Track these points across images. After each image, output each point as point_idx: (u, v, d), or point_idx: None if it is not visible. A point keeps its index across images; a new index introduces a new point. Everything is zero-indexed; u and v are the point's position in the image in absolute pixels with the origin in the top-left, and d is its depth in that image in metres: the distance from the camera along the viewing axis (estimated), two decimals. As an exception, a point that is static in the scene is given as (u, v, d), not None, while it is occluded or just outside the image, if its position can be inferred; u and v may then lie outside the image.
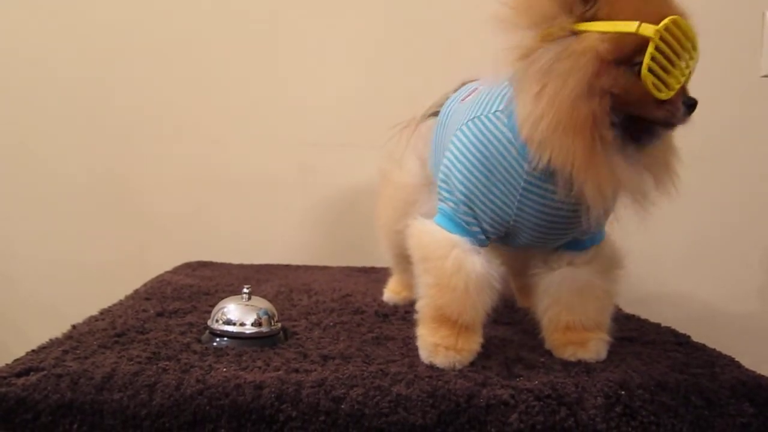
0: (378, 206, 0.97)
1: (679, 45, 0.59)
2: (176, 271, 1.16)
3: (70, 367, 0.60)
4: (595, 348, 0.69)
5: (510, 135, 0.65)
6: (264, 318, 0.72)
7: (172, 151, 1.34)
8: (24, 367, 0.60)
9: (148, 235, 1.35)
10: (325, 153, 1.33)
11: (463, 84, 0.84)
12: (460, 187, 0.68)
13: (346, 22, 1.33)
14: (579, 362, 0.67)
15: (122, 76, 1.33)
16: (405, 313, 0.89)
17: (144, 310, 0.83)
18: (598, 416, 0.57)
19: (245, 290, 0.74)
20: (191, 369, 0.61)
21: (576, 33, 0.60)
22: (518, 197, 0.66)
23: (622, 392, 0.59)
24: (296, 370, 0.62)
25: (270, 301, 0.76)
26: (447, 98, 0.84)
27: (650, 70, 0.58)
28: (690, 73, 0.61)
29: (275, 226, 1.36)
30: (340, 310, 0.89)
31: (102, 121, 1.34)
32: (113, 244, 1.35)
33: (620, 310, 0.96)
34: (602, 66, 0.59)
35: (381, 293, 0.98)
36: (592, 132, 0.59)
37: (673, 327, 0.84)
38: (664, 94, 0.59)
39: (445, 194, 0.70)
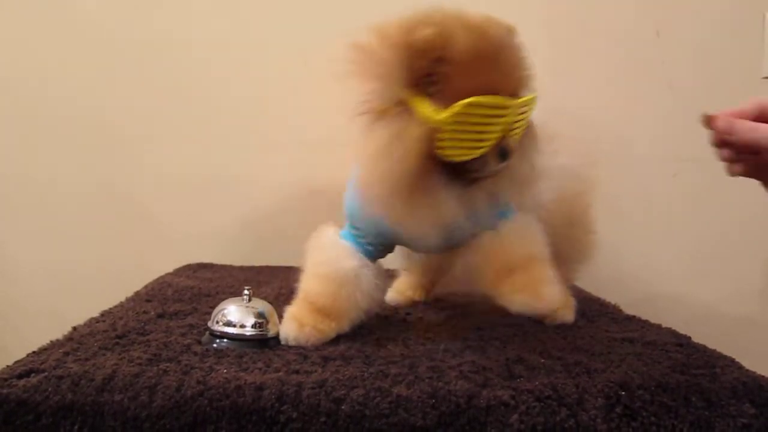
0: None
1: (481, 118, 0.64)
2: (177, 272, 1.16)
3: (71, 368, 0.60)
4: (547, 295, 0.72)
5: None
6: (264, 319, 0.72)
7: (172, 152, 1.34)
8: (25, 369, 0.60)
9: (149, 236, 1.35)
10: (326, 153, 1.33)
11: None
12: (348, 210, 0.77)
13: (345, 21, 1.32)
14: (579, 363, 0.67)
15: (121, 77, 1.33)
16: (405, 314, 0.89)
17: (144, 312, 0.83)
18: (599, 417, 0.57)
19: (246, 292, 0.74)
20: (192, 370, 0.61)
21: (406, 108, 0.64)
22: (392, 225, 0.72)
23: (623, 393, 0.59)
24: (297, 372, 0.62)
25: (271, 302, 0.76)
26: None
27: (448, 146, 0.64)
28: (506, 127, 0.66)
29: (276, 228, 1.36)
30: (340, 311, 0.89)
31: (101, 122, 1.34)
32: (114, 245, 1.35)
33: (620, 311, 0.96)
34: (429, 137, 0.63)
35: (381, 294, 0.98)
36: (417, 189, 0.65)
37: (673, 328, 0.84)
38: (474, 154, 0.65)
39: (345, 212, 0.78)
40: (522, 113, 0.68)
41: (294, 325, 0.72)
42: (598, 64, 1.34)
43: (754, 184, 0.66)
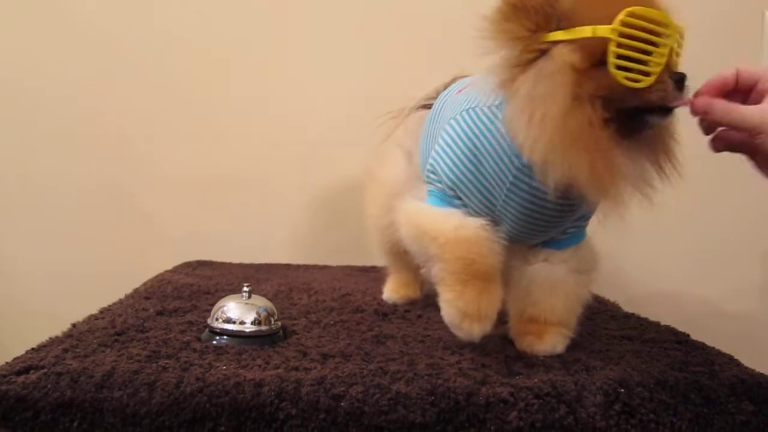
0: (365, 206, 0.96)
1: (646, 32, 0.59)
2: (176, 270, 1.16)
3: (70, 365, 0.60)
4: (551, 341, 0.70)
5: (503, 129, 0.65)
6: (264, 316, 0.72)
7: (171, 150, 1.34)
8: (24, 366, 0.59)
9: (148, 234, 1.35)
10: (325, 152, 1.33)
11: (455, 79, 0.84)
12: (449, 175, 0.69)
13: (345, 20, 1.33)
14: (578, 360, 0.67)
15: (121, 76, 1.33)
16: (404, 311, 0.89)
17: (144, 309, 0.83)
18: (598, 414, 0.57)
19: (245, 289, 0.74)
20: (191, 367, 0.61)
21: (545, 51, 0.60)
22: (505, 191, 0.67)
23: (622, 390, 0.59)
24: (296, 369, 0.62)
25: (270, 299, 0.76)
26: (437, 92, 0.84)
27: (619, 67, 0.58)
28: (672, 50, 0.61)
29: (275, 225, 1.36)
30: (339, 308, 0.89)
31: (101, 120, 1.34)
32: (113, 243, 1.35)
33: (620, 308, 0.96)
34: (581, 75, 0.59)
35: (380, 292, 0.98)
36: (588, 139, 0.59)
37: (672, 325, 0.84)
38: (644, 83, 0.59)
39: (434, 184, 0.71)
40: (680, 42, 0.62)
41: (465, 321, 0.65)
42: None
43: (753, 182, 0.66)
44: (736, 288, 1.33)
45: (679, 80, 0.61)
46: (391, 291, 0.97)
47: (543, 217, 0.68)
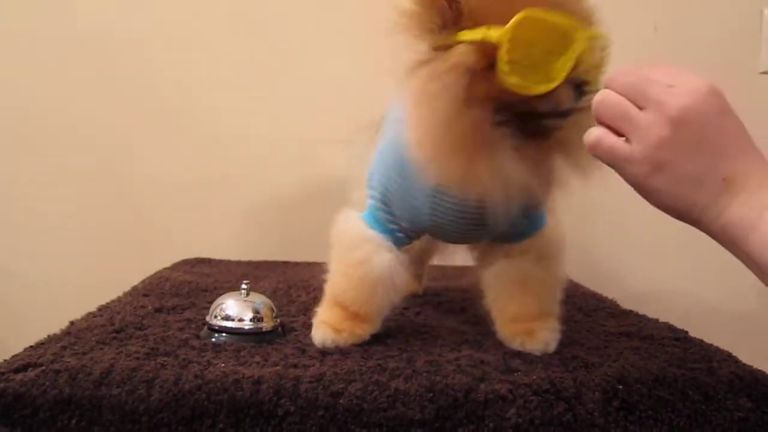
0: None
1: (545, 37, 0.57)
2: (174, 267, 1.16)
3: (69, 362, 0.60)
4: (542, 338, 0.69)
5: None
6: (262, 314, 0.72)
7: (169, 148, 1.34)
8: (22, 363, 0.59)
9: (146, 231, 1.35)
10: (323, 149, 1.33)
11: None
12: (379, 187, 0.70)
13: (344, 20, 1.32)
14: (577, 357, 0.67)
15: (119, 74, 1.33)
16: (403, 309, 0.89)
17: (142, 307, 0.83)
18: (596, 411, 0.57)
19: (244, 286, 0.74)
20: (189, 364, 0.61)
21: (444, 48, 0.59)
22: (430, 202, 0.67)
23: (620, 387, 0.59)
24: (294, 366, 0.62)
25: (268, 297, 0.76)
26: None
27: (512, 72, 0.56)
28: (580, 58, 0.57)
29: (273, 223, 1.36)
30: (338, 306, 0.89)
31: (101, 118, 1.33)
32: (111, 240, 1.34)
33: (618, 305, 0.96)
34: (473, 76, 0.58)
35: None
36: (470, 141, 0.58)
37: (670, 322, 0.85)
38: (544, 87, 0.57)
39: (369, 190, 0.72)
40: (596, 50, 0.59)
41: (329, 331, 0.69)
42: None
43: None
44: (734, 285, 1.33)
45: (578, 86, 0.58)
46: None
47: (473, 221, 0.68)
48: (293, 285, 1.02)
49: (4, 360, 0.61)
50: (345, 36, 1.32)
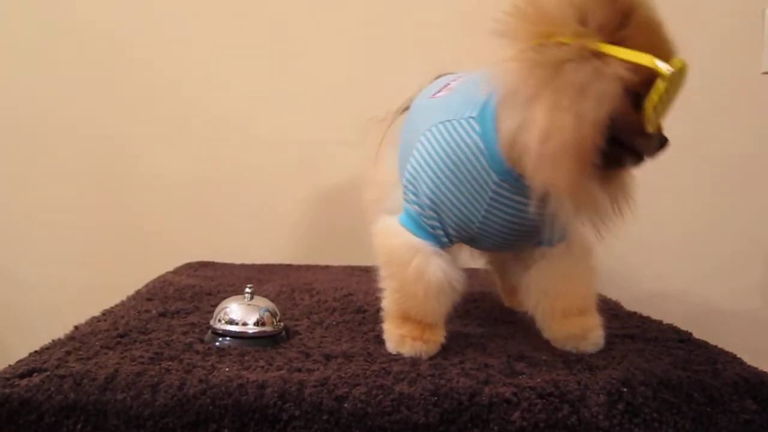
0: (365, 210, 0.95)
1: (675, 87, 0.60)
2: (178, 271, 1.16)
3: (73, 367, 0.60)
4: (594, 339, 0.72)
5: (481, 144, 0.65)
6: (266, 317, 0.72)
7: (172, 151, 1.35)
8: (27, 368, 0.60)
9: (150, 235, 1.35)
10: (326, 152, 1.33)
11: (438, 77, 0.83)
12: (427, 192, 0.69)
13: (344, 19, 1.33)
14: (581, 360, 0.67)
15: (121, 76, 1.33)
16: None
17: (146, 311, 0.83)
18: (601, 414, 0.57)
19: (247, 290, 0.74)
20: (194, 369, 0.61)
21: (598, 55, 0.58)
22: (485, 206, 0.67)
23: (625, 389, 0.59)
24: (299, 370, 0.62)
25: (272, 300, 0.76)
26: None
27: (656, 110, 0.59)
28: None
29: (277, 226, 1.36)
30: (342, 309, 0.89)
31: (102, 119, 1.34)
32: (114, 244, 1.35)
33: (622, 307, 0.96)
34: (624, 93, 0.58)
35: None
36: (589, 157, 0.59)
37: (674, 324, 0.84)
38: (651, 127, 0.60)
39: (412, 196, 0.71)
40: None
41: (418, 343, 0.68)
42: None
43: (755, 179, 0.66)
44: (738, 286, 1.33)
45: (662, 143, 0.62)
46: None
47: (523, 229, 0.69)
48: (297, 288, 1.02)
49: (9, 365, 0.61)
50: (348, 37, 1.33)
